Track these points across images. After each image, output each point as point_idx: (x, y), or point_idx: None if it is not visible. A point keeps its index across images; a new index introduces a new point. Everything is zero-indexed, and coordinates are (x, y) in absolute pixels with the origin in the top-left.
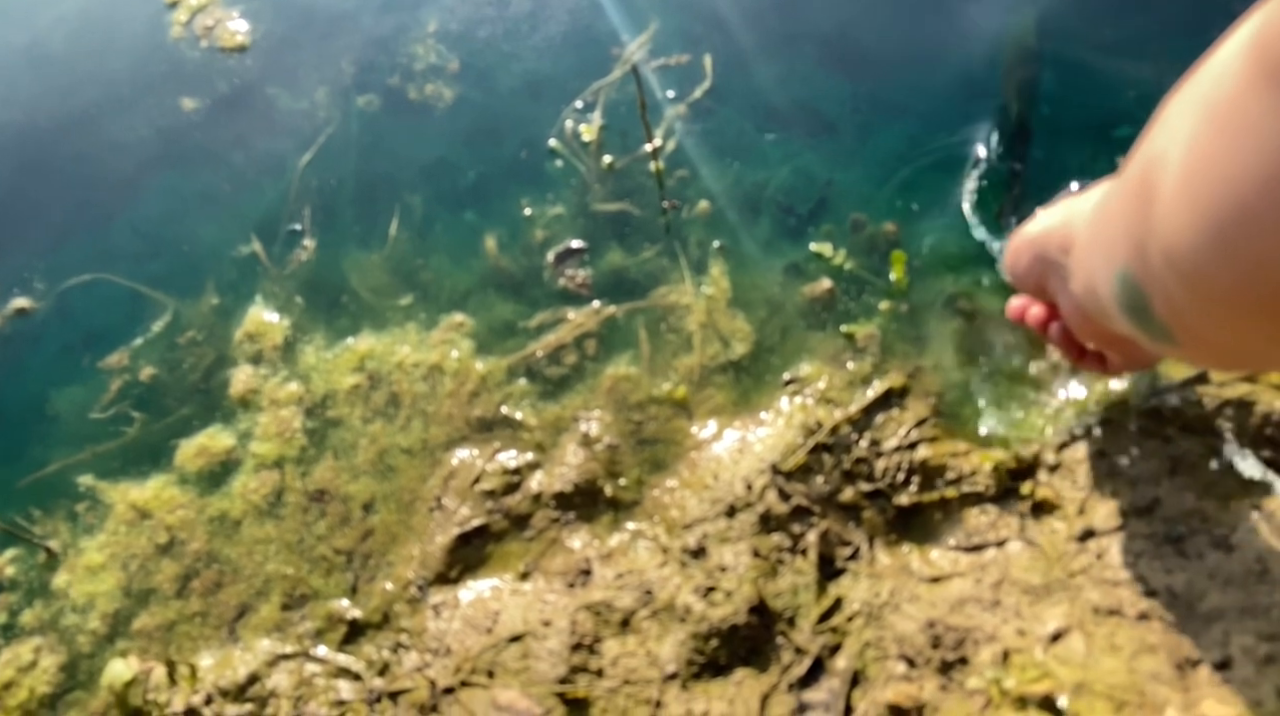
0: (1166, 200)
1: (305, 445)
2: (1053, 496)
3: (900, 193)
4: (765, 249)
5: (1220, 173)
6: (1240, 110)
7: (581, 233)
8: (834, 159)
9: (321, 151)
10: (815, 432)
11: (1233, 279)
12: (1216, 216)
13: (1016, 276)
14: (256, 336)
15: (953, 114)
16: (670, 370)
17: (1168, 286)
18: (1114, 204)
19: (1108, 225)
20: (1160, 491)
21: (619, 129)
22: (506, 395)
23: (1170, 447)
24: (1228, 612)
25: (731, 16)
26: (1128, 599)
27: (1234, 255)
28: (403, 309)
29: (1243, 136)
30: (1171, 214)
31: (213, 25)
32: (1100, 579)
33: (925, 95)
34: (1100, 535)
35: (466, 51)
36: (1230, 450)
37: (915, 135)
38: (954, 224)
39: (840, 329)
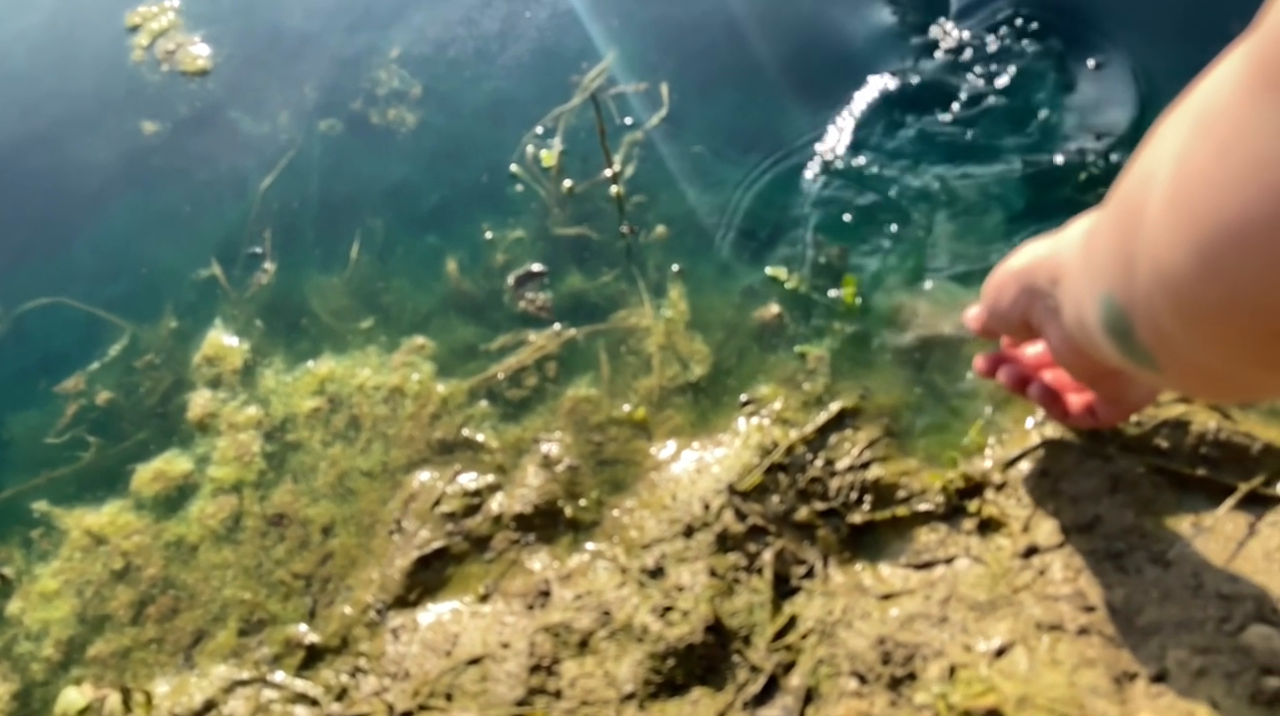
0: (1154, 217)
1: (264, 469)
2: (999, 514)
3: (855, 217)
4: (723, 272)
5: (1210, 185)
6: (1234, 120)
7: (542, 256)
8: (791, 185)
9: (283, 175)
10: (771, 453)
11: (1219, 295)
12: (1204, 230)
13: (999, 312)
14: (215, 360)
15: None
16: (630, 391)
17: (1153, 308)
18: (1101, 227)
19: (1094, 250)
20: (1101, 509)
21: (579, 154)
22: (467, 417)
23: (1110, 466)
24: (1164, 627)
25: (689, 45)
26: (1069, 614)
27: (1221, 269)
28: (363, 332)
29: (1236, 146)
30: (1158, 230)
31: (174, 49)
32: (1043, 594)
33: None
34: (1043, 552)
35: (429, 77)
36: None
37: (878, 159)
38: (906, 249)
39: (795, 350)
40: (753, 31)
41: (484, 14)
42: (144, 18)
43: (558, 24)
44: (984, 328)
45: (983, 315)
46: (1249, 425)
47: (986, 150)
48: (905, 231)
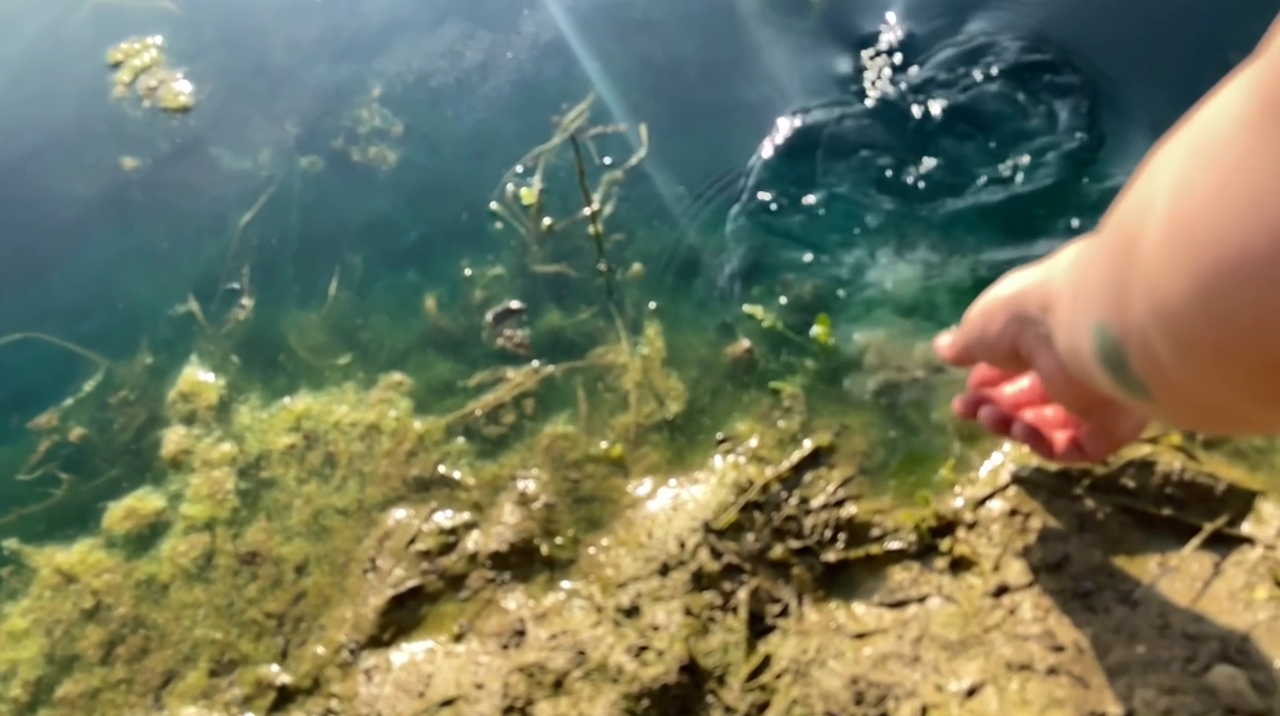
0: (1150, 246)
1: (237, 506)
2: (970, 553)
3: (829, 256)
4: (699, 310)
5: (1209, 215)
6: (1235, 149)
7: (520, 293)
8: (767, 223)
9: (263, 211)
10: (746, 491)
11: (1215, 328)
12: (1202, 261)
13: (986, 340)
14: (190, 396)
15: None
16: (607, 429)
17: (1147, 338)
18: (1095, 254)
19: (1087, 276)
20: (1069, 548)
21: (559, 193)
22: (444, 454)
23: (1078, 506)
24: (1131, 666)
25: (668, 87)
26: (1038, 654)
27: (1217, 301)
28: (341, 368)
29: (1236, 176)
30: (1154, 259)
31: (156, 86)
32: (1013, 634)
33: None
34: (1014, 591)
35: (411, 115)
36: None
37: (846, 201)
38: (877, 287)
39: (770, 387)
40: (731, 75)
41: (466, 50)
42: (126, 54)
43: (539, 64)
44: (961, 356)
45: (960, 343)
46: (1213, 465)
47: (951, 186)
48: (876, 269)
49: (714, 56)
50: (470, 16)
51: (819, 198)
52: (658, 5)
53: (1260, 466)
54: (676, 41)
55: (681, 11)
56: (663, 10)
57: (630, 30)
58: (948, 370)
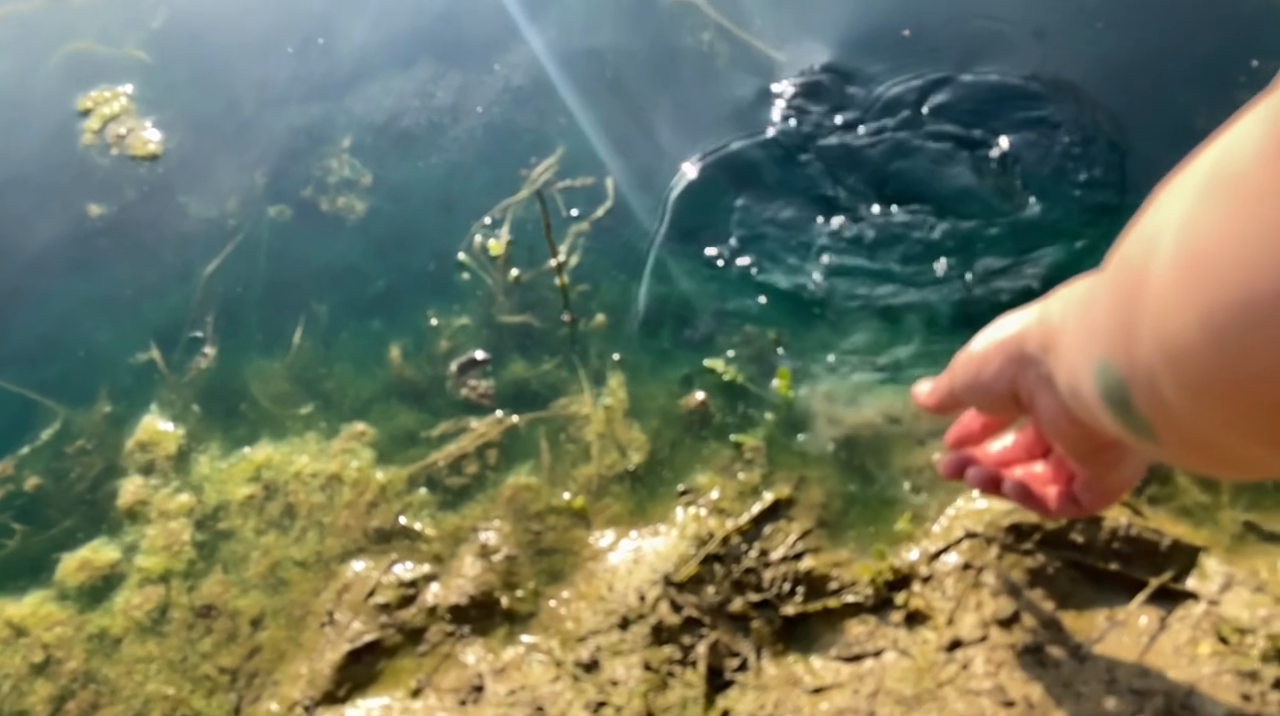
0: (1157, 283)
1: (194, 558)
2: (925, 607)
3: (790, 310)
4: (662, 361)
5: (1219, 251)
6: (1249, 185)
7: (486, 343)
8: (730, 278)
9: (229, 259)
10: (707, 543)
11: (1224, 367)
12: (1211, 298)
13: (979, 384)
14: (149, 445)
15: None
16: (570, 480)
17: (1153, 376)
18: (1099, 292)
19: (1090, 314)
20: (1021, 603)
21: (526, 244)
22: (406, 505)
23: (1029, 560)
24: None
25: (634, 142)
26: (989, 710)
27: (1227, 340)
28: (303, 418)
29: (1250, 211)
30: (1162, 296)
31: (125, 134)
32: (965, 689)
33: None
34: (966, 645)
35: (380, 165)
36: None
37: (808, 253)
38: (840, 342)
39: (731, 439)
40: (697, 132)
41: (437, 95)
42: (96, 102)
43: (509, 114)
44: (946, 403)
45: (945, 389)
46: (1158, 521)
47: (911, 244)
48: (839, 324)
49: (680, 115)
50: (442, 59)
51: (784, 254)
52: (629, 60)
53: (1204, 522)
54: (646, 94)
55: (653, 65)
56: (634, 65)
57: (600, 85)
58: (904, 422)
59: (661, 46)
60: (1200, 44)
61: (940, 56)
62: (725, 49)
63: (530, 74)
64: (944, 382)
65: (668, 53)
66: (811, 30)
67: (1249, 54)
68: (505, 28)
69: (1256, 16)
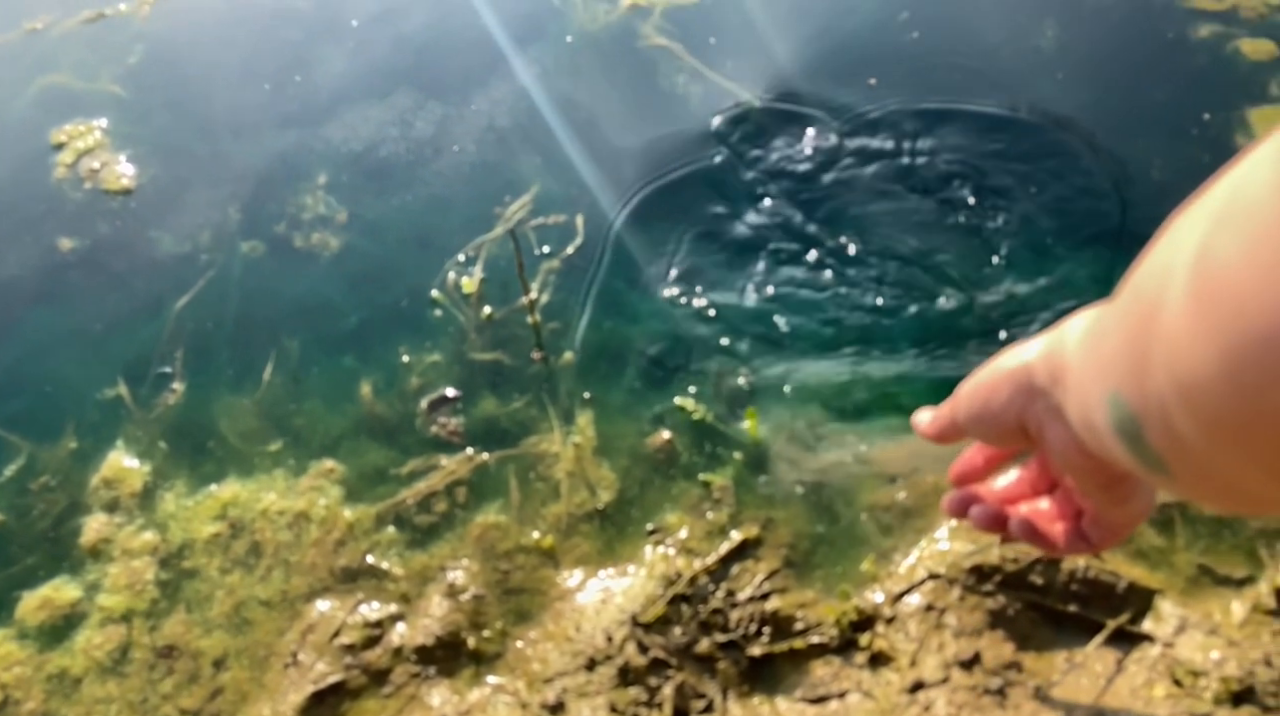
0: (1170, 315)
1: (157, 597)
2: (888, 648)
3: (760, 350)
4: (632, 400)
5: (1236, 282)
6: (1266, 214)
7: (457, 381)
8: (700, 318)
9: (200, 294)
10: (675, 583)
11: (1240, 402)
12: (1229, 330)
13: (987, 415)
14: (114, 482)
15: None
16: (539, 518)
17: (1166, 410)
18: (1109, 322)
19: (1101, 345)
20: (982, 644)
21: (499, 281)
22: (374, 543)
23: (990, 601)
24: None
25: (606, 181)
26: None
27: (1244, 374)
28: (271, 455)
29: (1269, 242)
30: (1176, 328)
31: (99, 168)
32: None
33: None
34: (929, 687)
35: (355, 202)
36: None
37: (778, 296)
38: (808, 383)
39: (699, 478)
40: (665, 169)
41: (415, 129)
42: (70, 135)
43: (484, 156)
44: (947, 433)
45: (947, 419)
46: (1115, 563)
47: (880, 289)
48: (807, 366)
49: (654, 147)
50: (421, 93)
51: (754, 296)
52: (604, 100)
53: (1160, 565)
54: (619, 134)
55: (627, 105)
56: (609, 105)
57: (576, 124)
58: (870, 461)
59: (637, 87)
60: (1154, 95)
61: (903, 99)
62: (698, 90)
63: (508, 111)
64: (946, 412)
65: (642, 93)
66: (779, 73)
67: (1200, 107)
68: (485, 64)
69: (1207, 71)
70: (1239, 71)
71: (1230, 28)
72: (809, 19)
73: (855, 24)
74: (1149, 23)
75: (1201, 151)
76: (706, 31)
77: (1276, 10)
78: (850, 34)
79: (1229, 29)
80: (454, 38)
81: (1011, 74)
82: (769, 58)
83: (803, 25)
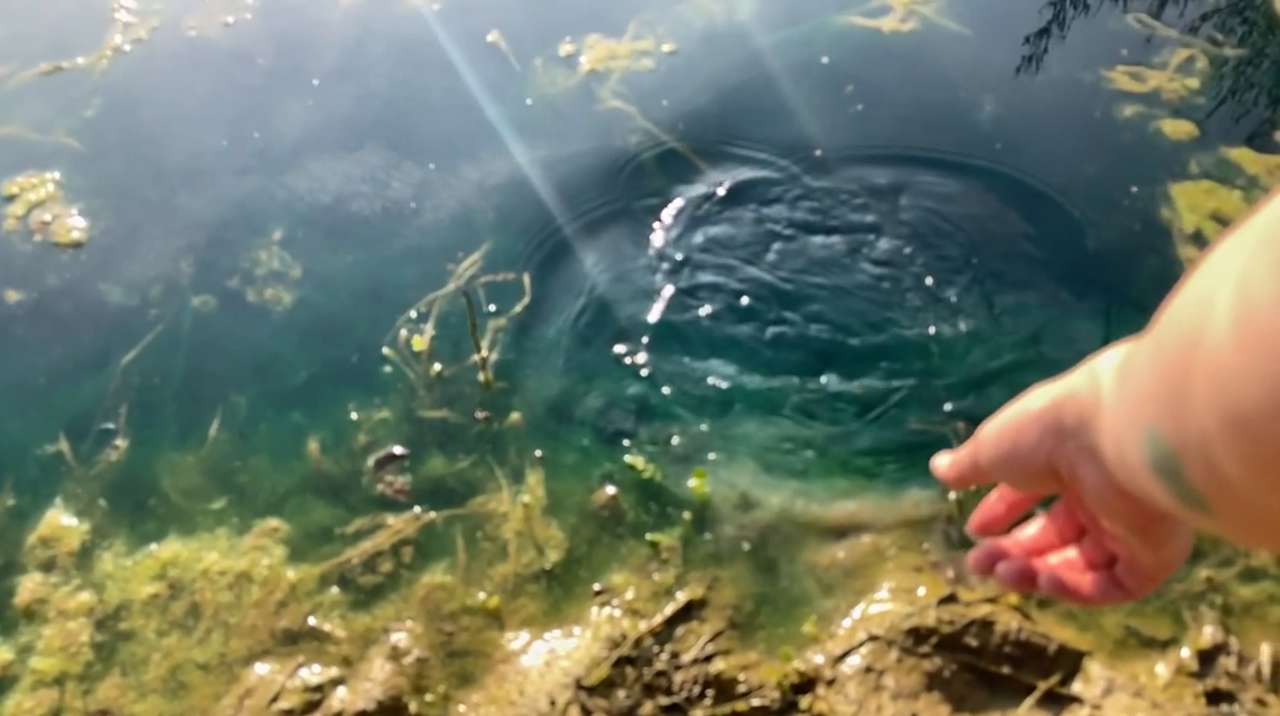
0: (1213, 347)
1: (91, 660)
2: (828, 711)
3: (710, 412)
4: (581, 459)
5: None
6: None
7: (405, 438)
8: (649, 377)
9: (148, 349)
10: (619, 645)
11: None
12: (1277, 360)
13: (1016, 457)
14: (51, 541)
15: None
16: (486, 578)
17: (1208, 446)
18: (1144, 357)
19: (1135, 381)
20: (919, 706)
21: (451, 339)
22: (316, 605)
23: (927, 663)
24: None
25: (553, 240)
26: None
27: None
28: (214, 513)
29: None
30: (1220, 361)
31: (49, 220)
32: None
33: None
34: None
35: (310, 258)
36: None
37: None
38: (755, 444)
39: (647, 538)
40: (616, 233)
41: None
42: (22, 187)
43: (438, 214)
44: (969, 476)
45: (968, 463)
46: (1046, 625)
47: (832, 354)
48: (754, 427)
49: (607, 210)
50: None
51: (698, 351)
52: (560, 161)
53: (1089, 626)
54: (574, 194)
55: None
56: (563, 165)
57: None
58: (815, 522)
59: (591, 149)
60: (1085, 170)
61: (846, 164)
62: (651, 156)
63: (463, 170)
64: (967, 456)
65: (596, 154)
66: (729, 140)
67: (1127, 181)
68: (443, 124)
69: (1133, 149)
70: (1161, 150)
71: (1153, 109)
72: (756, 84)
73: (805, 91)
74: (1079, 101)
75: (1131, 221)
76: (660, 95)
77: (1195, 94)
78: (799, 101)
79: (1151, 109)
80: (413, 97)
81: (952, 144)
82: (720, 121)
83: (750, 90)
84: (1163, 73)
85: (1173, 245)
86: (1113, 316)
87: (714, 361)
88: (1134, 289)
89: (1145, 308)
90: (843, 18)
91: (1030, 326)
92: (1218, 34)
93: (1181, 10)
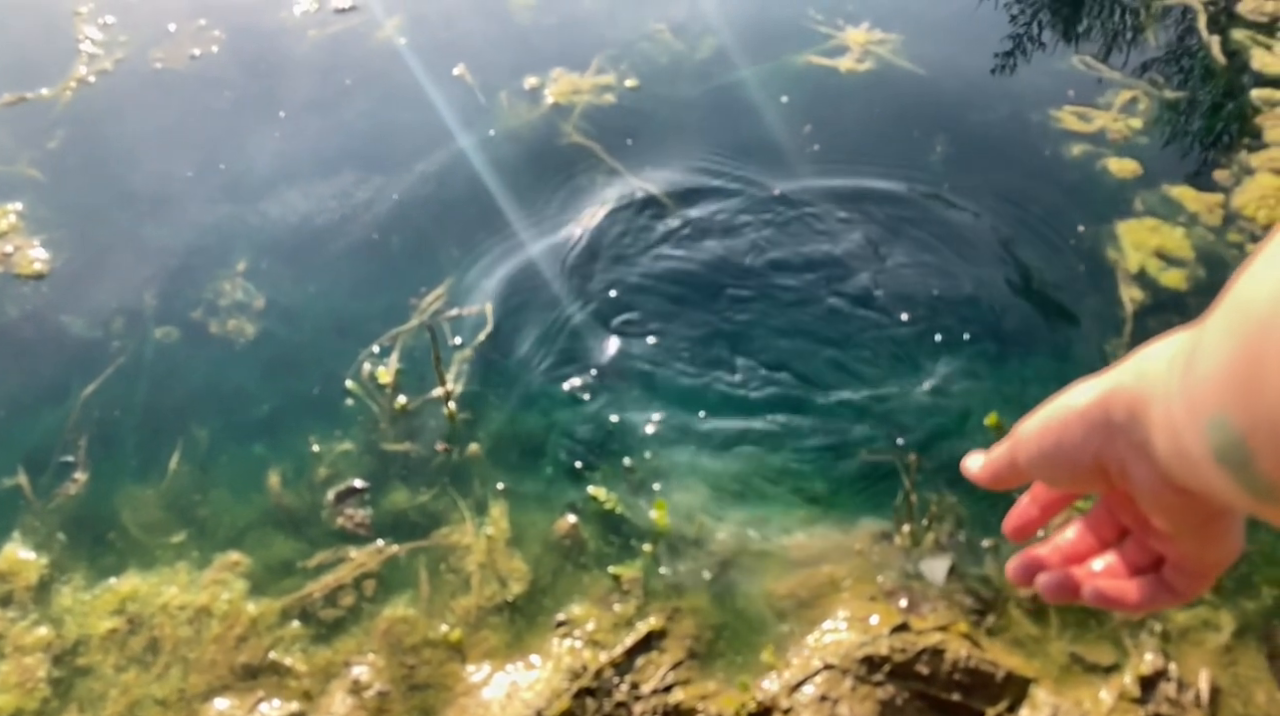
0: None
1: (48, 696)
2: None
3: (671, 443)
4: (545, 489)
5: None
6: None
7: (367, 471)
8: (612, 408)
9: (108, 381)
10: (580, 676)
11: None
12: None
13: (1061, 456)
14: (8, 576)
15: None
16: (448, 611)
17: None
18: (1207, 342)
19: (1197, 367)
20: None
21: (415, 372)
22: (277, 639)
23: (880, 691)
24: None
25: (518, 274)
26: None
27: None
28: (174, 547)
29: None
30: None
31: (11, 252)
32: None
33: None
34: None
35: (274, 289)
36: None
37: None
38: (718, 474)
39: (609, 570)
40: (583, 266)
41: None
42: None
43: (403, 247)
44: (1007, 476)
45: (1006, 462)
46: (994, 652)
47: (788, 388)
48: (714, 458)
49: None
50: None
51: (659, 386)
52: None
53: (1036, 654)
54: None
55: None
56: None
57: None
58: (775, 551)
59: (556, 185)
60: (1032, 209)
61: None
62: (614, 192)
63: (426, 202)
64: (1003, 455)
65: (560, 190)
66: (690, 176)
67: (1074, 220)
68: (406, 156)
69: (1080, 187)
70: (1107, 188)
71: (1099, 148)
72: (717, 121)
73: (764, 130)
74: (1027, 140)
75: (1077, 261)
76: (622, 130)
77: (1139, 133)
78: (758, 139)
79: (1098, 149)
80: (378, 130)
81: (904, 183)
82: (682, 157)
83: (711, 127)
84: (1108, 113)
85: (1116, 283)
86: (1064, 352)
87: (673, 394)
88: (1084, 325)
89: (1095, 343)
90: (802, 57)
91: (981, 362)
92: (1159, 77)
93: (1125, 56)
